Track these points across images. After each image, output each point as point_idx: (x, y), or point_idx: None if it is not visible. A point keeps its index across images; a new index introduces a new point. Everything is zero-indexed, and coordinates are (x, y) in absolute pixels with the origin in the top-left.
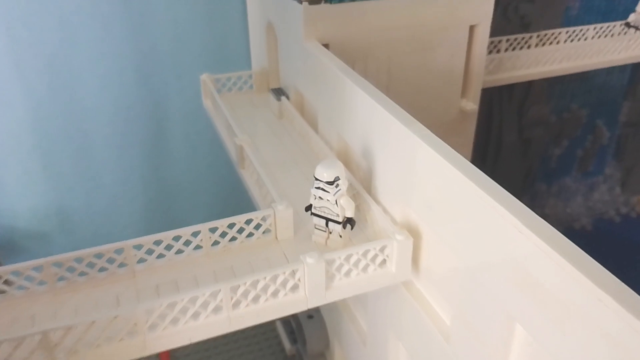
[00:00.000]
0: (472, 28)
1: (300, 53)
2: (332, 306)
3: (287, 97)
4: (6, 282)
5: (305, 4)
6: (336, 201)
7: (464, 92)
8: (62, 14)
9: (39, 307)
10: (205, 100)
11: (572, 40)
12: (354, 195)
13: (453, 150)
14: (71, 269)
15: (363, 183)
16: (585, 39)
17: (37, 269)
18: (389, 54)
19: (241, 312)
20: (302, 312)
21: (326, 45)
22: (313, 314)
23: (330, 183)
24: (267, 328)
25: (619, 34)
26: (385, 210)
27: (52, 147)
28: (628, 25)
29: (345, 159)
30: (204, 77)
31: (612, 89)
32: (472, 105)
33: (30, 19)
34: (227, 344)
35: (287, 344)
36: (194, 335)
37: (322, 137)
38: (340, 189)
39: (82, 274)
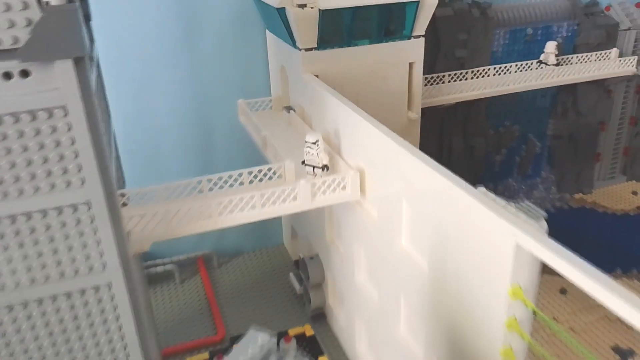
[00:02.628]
0: (411, 64)
1: (300, 81)
2: (325, 248)
3: (294, 111)
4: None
5: (303, 50)
6: (317, 154)
7: (409, 106)
8: (145, 59)
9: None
10: (241, 116)
11: (498, 74)
12: (329, 154)
13: (382, 125)
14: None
15: (334, 149)
16: (509, 73)
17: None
18: (357, 80)
19: (266, 209)
20: (307, 255)
21: (317, 76)
22: (313, 257)
23: (313, 143)
24: (283, 280)
25: (534, 68)
26: (346, 162)
27: (133, 148)
28: (540, 62)
29: (327, 139)
30: (240, 101)
31: (538, 109)
32: (415, 115)
33: (127, 61)
34: (252, 289)
35: (297, 286)
36: (242, 219)
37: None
38: (319, 147)
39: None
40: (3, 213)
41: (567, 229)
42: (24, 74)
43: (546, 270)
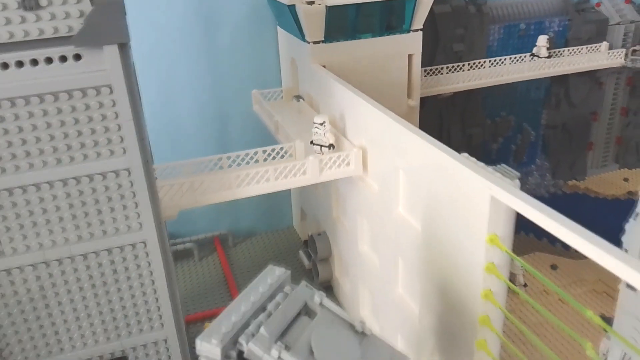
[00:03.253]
0: (410, 56)
1: (309, 72)
2: (332, 225)
3: (303, 99)
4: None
5: (311, 43)
6: (324, 134)
7: (409, 95)
8: (168, 53)
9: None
10: (255, 106)
11: (493, 66)
12: (334, 135)
13: (381, 106)
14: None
15: (339, 131)
16: (504, 65)
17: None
18: (360, 71)
19: (279, 182)
20: (315, 233)
21: (324, 66)
22: (321, 233)
23: (321, 124)
24: (292, 257)
25: (527, 61)
26: (350, 142)
27: (157, 134)
28: (533, 55)
29: (333, 123)
30: (254, 92)
31: (532, 101)
32: (414, 102)
33: (153, 54)
34: (265, 264)
35: (305, 262)
36: (258, 190)
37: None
38: (326, 128)
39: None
40: (56, 177)
41: (560, 212)
42: (77, 57)
43: (538, 248)
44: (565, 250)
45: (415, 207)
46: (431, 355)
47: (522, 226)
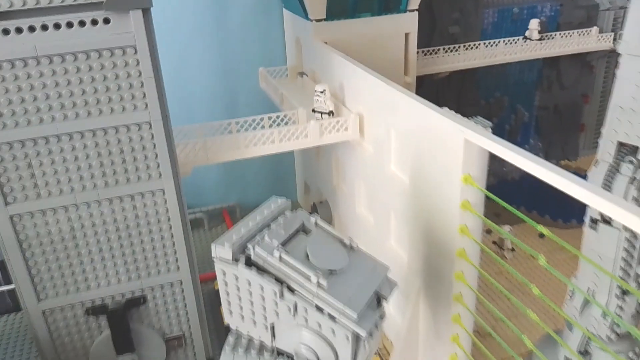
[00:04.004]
0: (406, 35)
1: (312, 48)
2: (332, 193)
3: (306, 75)
4: None
5: (314, 21)
6: (325, 101)
7: (405, 72)
8: (182, 33)
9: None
10: (261, 82)
11: (488, 49)
12: (334, 103)
13: (378, 74)
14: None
15: (339, 100)
16: (497, 47)
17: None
18: (360, 48)
19: (283, 144)
20: (317, 201)
21: (326, 43)
22: (323, 201)
23: (321, 92)
24: None
25: (520, 44)
26: (348, 109)
27: (170, 107)
28: (525, 38)
29: (333, 93)
30: (261, 69)
31: (525, 82)
32: (410, 79)
33: (168, 33)
34: None
35: None
36: (264, 150)
37: None
38: (326, 96)
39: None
40: (86, 128)
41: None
42: (106, 21)
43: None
44: (553, 221)
45: (404, 162)
46: (417, 295)
47: (515, 200)
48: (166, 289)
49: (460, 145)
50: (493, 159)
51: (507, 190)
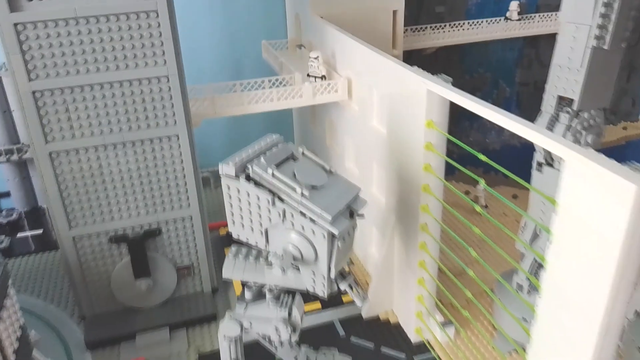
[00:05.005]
0: (394, 11)
1: (309, 22)
2: (326, 153)
3: (304, 47)
4: None
5: None
6: (318, 67)
7: (393, 45)
8: (195, 14)
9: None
10: (264, 54)
11: (472, 28)
12: (327, 69)
13: (366, 43)
14: (219, 89)
15: (331, 67)
16: (480, 27)
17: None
18: (351, 23)
19: (280, 102)
20: None
21: (322, 17)
22: None
23: (315, 58)
24: None
25: (502, 24)
26: (339, 74)
27: None
28: (506, 18)
29: (326, 61)
30: (263, 42)
31: (507, 60)
32: (397, 52)
33: (185, 14)
34: None
35: None
36: (264, 108)
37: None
38: (319, 62)
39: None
40: (114, 79)
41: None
42: None
43: (503, 182)
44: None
45: (383, 117)
46: (392, 230)
47: (492, 167)
48: (178, 223)
49: (423, 95)
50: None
51: (491, 156)
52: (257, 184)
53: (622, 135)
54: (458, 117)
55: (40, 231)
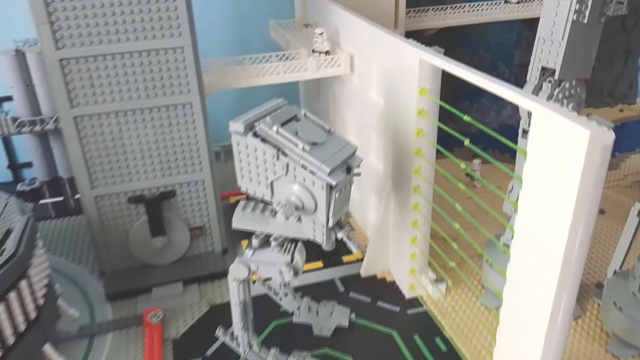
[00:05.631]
0: None
1: (315, 1)
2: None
3: (311, 26)
4: None
5: None
6: (322, 42)
7: (395, 25)
8: None
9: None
10: (272, 33)
11: (472, 10)
12: (331, 45)
13: (369, 20)
14: (228, 62)
15: (335, 44)
16: (481, 9)
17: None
18: (355, 3)
19: (287, 75)
20: None
21: None
22: None
23: (320, 34)
24: None
25: (501, 6)
26: (341, 50)
27: None
28: (506, 1)
29: (330, 38)
30: (271, 21)
31: (506, 43)
32: (399, 32)
33: None
34: None
35: None
36: (271, 80)
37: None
38: (324, 37)
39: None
40: (134, 49)
41: None
42: None
43: (501, 159)
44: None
45: (380, 88)
46: (388, 194)
47: (491, 145)
48: (192, 186)
49: (416, 64)
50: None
51: (488, 135)
52: (263, 140)
53: (619, 117)
54: (458, 97)
55: (60, 198)
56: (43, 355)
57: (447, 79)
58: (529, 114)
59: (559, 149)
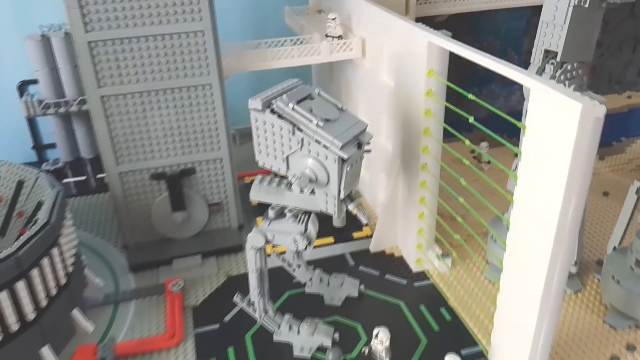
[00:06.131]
0: None
1: None
2: None
3: (324, 12)
4: None
5: None
6: (335, 27)
7: (406, 11)
8: None
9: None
10: (287, 19)
11: None
12: (343, 30)
13: (380, 6)
14: (244, 46)
15: (347, 29)
16: None
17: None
18: None
19: (301, 59)
20: None
21: None
22: None
23: (333, 19)
24: None
25: None
26: (354, 35)
27: None
28: None
29: (343, 23)
30: (286, 8)
31: (515, 29)
32: (410, 17)
33: None
34: None
35: None
36: (286, 64)
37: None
38: (336, 22)
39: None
40: (157, 32)
41: None
42: None
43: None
44: None
45: (391, 71)
46: (397, 172)
47: (499, 129)
48: (210, 164)
49: (425, 46)
50: None
51: (496, 121)
52: (280, 116)
53: (626, 103)
54: (467, 84)
55: (83, 178)
56: (72, 319)
57: (456, 66)
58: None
59: (554, 121)
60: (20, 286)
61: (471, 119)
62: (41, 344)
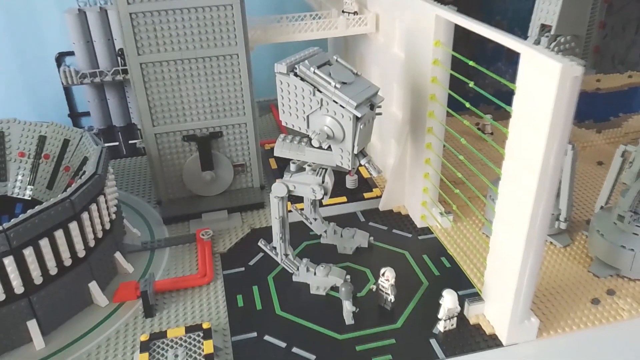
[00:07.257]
0: None
1: None
2: None
3: None
4: None
5: None
6: (351, 3)
7: None
8: None
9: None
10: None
11: None
12: (359, 6)
13: None
14: (267, 20)
15: (362, 4)
16: None
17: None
18: None
19: (320, 32)
20: None
21: None
22: None
23: None
24: None
25: None
26: (369, 10)
27: None
28: None
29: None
30: None
31: (522, 9)
32: None
33: None
34: None
35: None
36: (306, 37)
37: None
38: (353, 0)
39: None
40: (190, 5)
41: None
42: None
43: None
44: None
45: (402, 44)
46: (406, 137)
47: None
48: (236, 128)
49: (432, 19)
50: None
51: (501, 97)
52: (302, 79)
53: (627, 82)
54: (475, 61)
55: (115, 144)
56: (114, 260)
57: (464, 44)
58: None
59: (538, 80)
60: (73, 226)
61: (471, 84)
62: (89, 279)
